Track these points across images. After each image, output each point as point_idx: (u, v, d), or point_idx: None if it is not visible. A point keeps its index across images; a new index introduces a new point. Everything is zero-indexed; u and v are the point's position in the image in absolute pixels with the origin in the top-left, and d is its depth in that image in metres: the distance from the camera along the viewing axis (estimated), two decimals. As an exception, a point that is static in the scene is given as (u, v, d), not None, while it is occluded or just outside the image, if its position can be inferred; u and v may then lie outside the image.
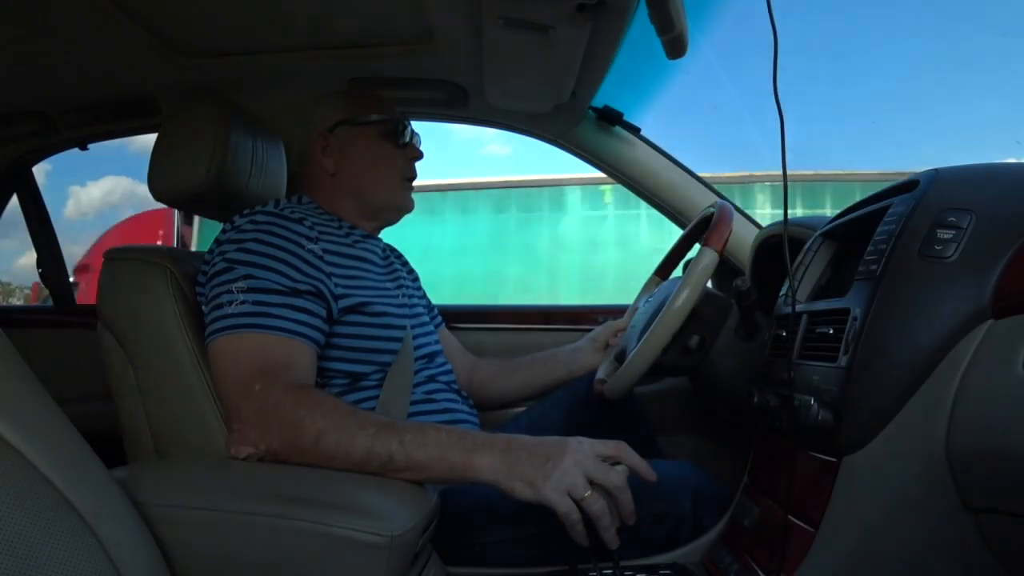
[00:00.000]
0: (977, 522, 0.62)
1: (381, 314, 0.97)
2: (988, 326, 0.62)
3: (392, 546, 0.59)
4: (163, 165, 0.99)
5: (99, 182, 10.24)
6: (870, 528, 0.66)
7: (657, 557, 0.88)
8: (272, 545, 0.61)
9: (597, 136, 1.48)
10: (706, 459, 1.38)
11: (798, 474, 0.75)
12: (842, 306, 0.73)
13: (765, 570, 0.74)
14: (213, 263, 0.89)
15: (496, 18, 0.96)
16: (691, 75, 1.43)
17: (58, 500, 0.48)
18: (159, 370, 0.88)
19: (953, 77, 11.92)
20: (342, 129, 1.07)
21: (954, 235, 0.65)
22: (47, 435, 0.50)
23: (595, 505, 0.73)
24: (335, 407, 0.76)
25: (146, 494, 0.61)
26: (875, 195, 0.82)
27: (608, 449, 0.76)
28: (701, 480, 0.95)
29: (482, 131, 5.27)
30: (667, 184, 1.49)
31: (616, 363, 1.13)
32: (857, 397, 0.67)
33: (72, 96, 1.40)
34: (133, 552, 0.53)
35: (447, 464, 0.74)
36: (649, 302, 1.14)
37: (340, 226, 1.04)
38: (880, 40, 3.93)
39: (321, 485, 0.70)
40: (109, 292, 0.92)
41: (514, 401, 1.30)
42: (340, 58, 1.23)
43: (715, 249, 0.95)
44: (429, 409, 1.01)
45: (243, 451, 0.76)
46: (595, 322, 1.58)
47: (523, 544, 0.88)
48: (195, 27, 1.12)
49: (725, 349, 1.03)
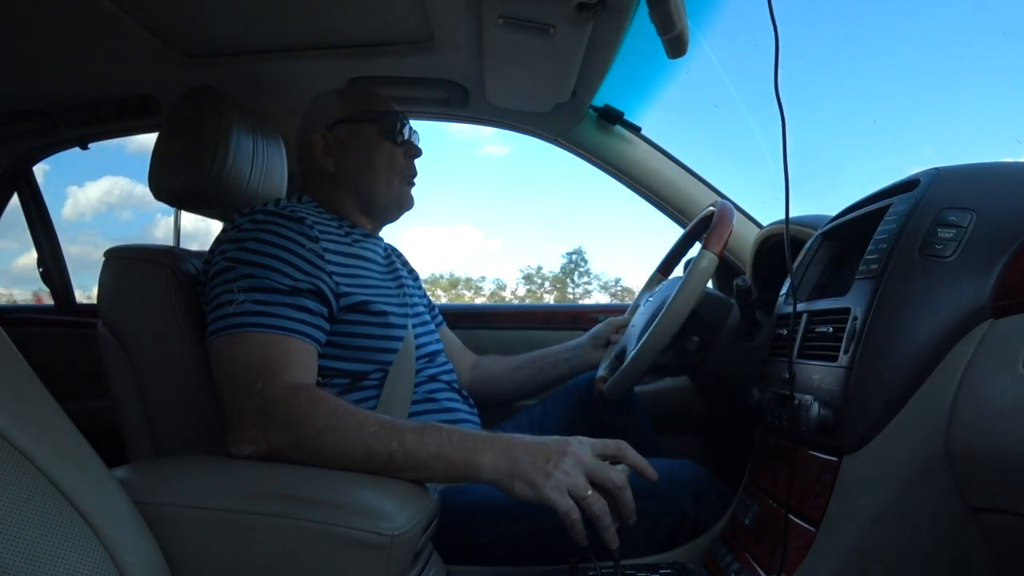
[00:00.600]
0: (977, 522, 0.62)
1: (382, 313, 0.97)
2: (988, 326, 0.62)
3: (393, 545, 0.59)
4: (163, 165, 0.99)
5: (97, 182, 10.28)
6: (870, 527, 0.66)
7: (657, 556, 0.88)
8: (272, 544, 0.61)
9: (597, 135, 1.48)
10: (706, 458, 1.38)
11: (798, 473, 0.75)
12: (842, 305, 0.73)
13: (765, 569, 0.74)
14: (214, 262, 0.89)
15: (496, 18, 0.97)
16: (692, 74, 1.43)
17: (59, 499, 0.48)
18: (159, 370, 0.88)
19: (953, 77, 11.93)
20: (340, 127, 1.07)
21: (954, 234, 0.65)
22: (47, 434, 0.50)
23: (595, 505, 0.73)
24: (335, 406, 0.76)
25: (146, 494, 0.61)
26: (875, 194, 0.82)
27: (608, 448, 0.76)
28: (701, 478, 0.95)
29: (479, 131, 5.26)
30: (667, 183, 1.49)
31: (616, 362, 1.13)
32: (857, 397, 0.67)
33: (72, 96, 1.41)
34: (133, 551, 0.53)
35: (447, 464, 0.74)
36: (650, 301, 1.14)
37: (340, 225, 1.04)
38: (880, 40, 3.93)
39: (322, 484, 0.70)
40: (109, 292, 0.92)
41: (515, 399, 1.30)
42: (340, 58, 1.23)
43: (715, 249, 0.95)
44: (430, 408, 1.01)
45: (244, 450, 0.76)
46: (595, 322, 1.59)
47: (523, 543, 0.88)
48: (195, 27, 1.12)
49: (725, 349, 1.03)
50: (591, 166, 1.53)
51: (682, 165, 1.50)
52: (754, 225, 1.47)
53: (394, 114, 1.09)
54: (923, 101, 10.22)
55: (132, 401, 0.90)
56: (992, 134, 9.36)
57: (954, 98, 11.33)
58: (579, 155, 1.52)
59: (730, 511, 0.90)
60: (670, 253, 1.30)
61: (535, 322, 1.63)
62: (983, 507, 0.60)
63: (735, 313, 1.04)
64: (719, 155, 1.63)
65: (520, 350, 1.41)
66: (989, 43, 9.62)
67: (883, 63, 8.55)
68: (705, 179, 1.51)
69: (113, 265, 0.93)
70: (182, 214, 2.48)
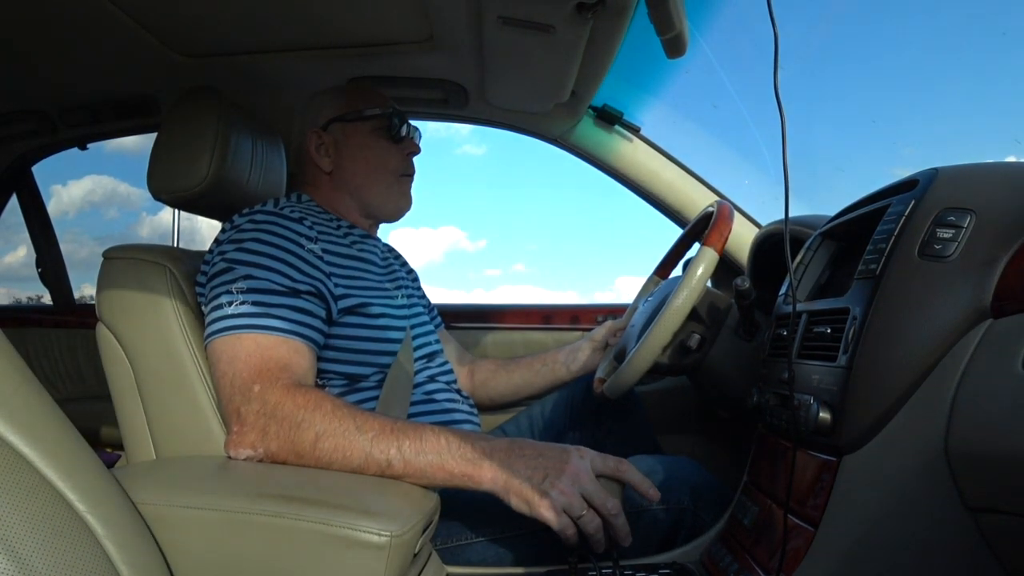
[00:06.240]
0: (977, 522, 0.62)
1: (380, 315, 0.97)
2: (988, 326, 0.62)
3: (392, 545, 0.59)
4: (163, 164, 0.99)
5: (80, 181, 10.28)
6: (870, 527, 0.66)
7: (657, 556, 0.88)
8: (272, 544, 0.61)
9: (597, 135, 1.48)
10: (706, 458, 1.38)
11: (798, 473, 0.75)
12: (842, 306, 0.73)
13: (764, 569, 0.74)
14: (213, 263, 0.89)
15: (496, 18, 0.96)
16: (691, 75, 1.43)
17: (58, 499, 0.48)
18: (158, 370, 0.88)
19: (953, 77, 11.92)
20: (335, 126, 1.07)
21: (954, 234, 0.65)
22: (47, 434, 0.50)
23: (590, 525, 0.73)
24: (334, 409, 0.76)
25: (146, 494, 0.61)
26: (874, 194, 0.82)
27: (608, 467, 0.76)
28: (700, 476, 0.95)
29: (456, 131, 5.13)
30: (667, 183, 1.49)
31: (616, 362, 1.13)
32: (857, 397, 0.67)
33: (72, 96, 1.41)
34: (133, 551, 0.53)
35: (446, 473, 0.74)
36: (648, 302, 1.14)
37: (339, 226, 1.03)
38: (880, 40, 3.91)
39: (321, 484, 0.70)
40: (109, 292, 0.92)
41: (514, 401, 1.30)
42: (340, 58, 1.23)
43: (715, 249, 0.95)
44: (430, 409, 1.01)
45: (242, 453, 0.76)
46: (595, 322, 1.59)
47: (523, 542, 0.88)
48: (195, 27, 1.12)
49: (725, 349, 1.03)
50: (578, 167, 1.53)
51: (681, 165, 1.50)
52: (753, 225, 1.47)
53: (388, 112, 1.08)
54: (923, 101, 10.18)
55: (132, 401, 0.90)
56: (992, 134, 9.34)
57: (954, 98, 11.29)
58: (578, 155, 1.52)
59: (729, 511, 0.90)
60: (668, 254, 1.30)
61: (535, 321, 1.63)
62: (982, 507, 0.60)
63: (734, 313, 1.04)
64: (718, 155, 1.62)
65: (519, 350, 1.41)
66: (989, 42, 9.58)
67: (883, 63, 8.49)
68: (704, 179, 1.51)
69: (112, 265, 0.93)
70: (180, 214, 2.47)
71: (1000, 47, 13.89)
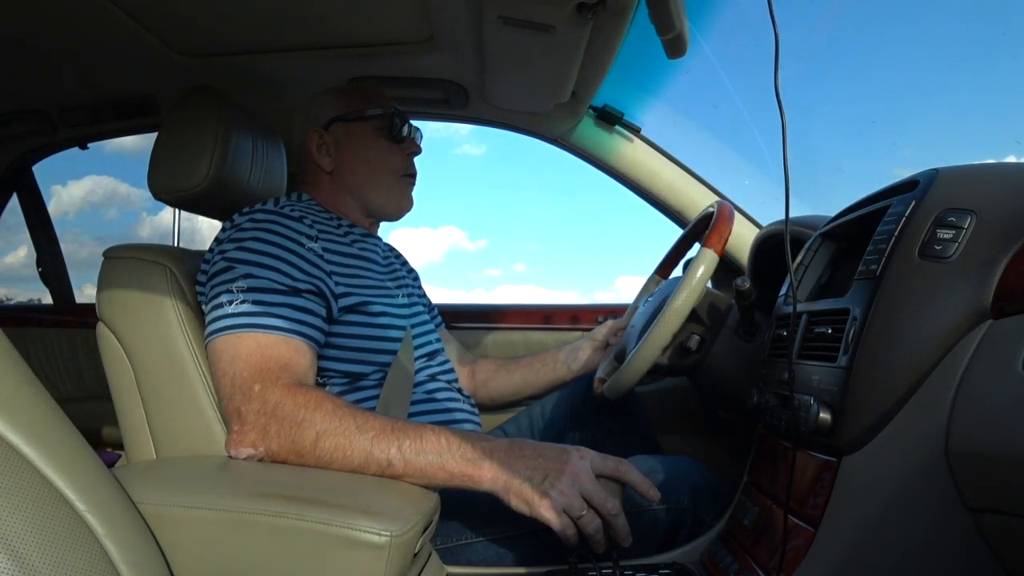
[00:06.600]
0: (977, 522, 0.62)
1: (381, 314, 0.97)
2: (988, 326, 0.62)
3: (392, 545, 0.59)
4: (163, 164, 0.99)
5: (80, 181, 10.29)
6: (870, 528, 0.66)
7: (656, 557, 0.88)
8: (272, 544, 0.61)
9: (597, 136, 1.48)
10: (706, 458, 1.38)
11: (798, 474, 0.75)
12: (842, 306, 0.73)
13: (764, 569, 0.74)
14: (213, 262, 0.89)
15: (496, 18, 0.96)
16: (691, 75, 1.43)
17: (58, 499, 0.48)
18: (159, 369, 0.88)
19: (953, 77, 11.92)
20: (337, 126, 1.07)
21: (954, 235, 0.65)
22: (47, 434, 0.50)
23: (590, 525, 0.73)
24: (335, 408, 0.76)
25: (146, 494, 0.61)
26: (875, 195, 0.82)
27: (608, 467, 0.76)
28: (700, 476, 0.95)
29: (456, 131, 5.13)
30: (667, 184, 1.49)
31: (616, 363, 1.13)
32: (857, 397, 0.67)
33: (72, 96, 1.41)
34: (133, 551, 0.53)
35: (446, 473, 0.74)
36: (649, 302, 1.14)
37: (339, 225, 1.03)
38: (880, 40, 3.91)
39: (321, 484, 0.70)
40: (109, 291, 0.92)
41: (515, 400, 1.30)
42: (340, 58, 1.23)
43: (715, 249, 0.95)
44: (431, 408, 1.01)
45: (242, 453, 0.76)
46: (595, 322, 1.59)
47: (523, 542, 0.88)
48: (195, 27, 1.12)
49: (725, 349, 1.03)
50: (578, 167, 1.53)
51: (682, 166, 1.50)
52: (753, 225, 1.47)
53: (390, 112, 1.08)
54: (923, 101, 10.20)
55: (132, 401, 0.90)
56: (992, 134, 9.35)
57: (954, 98, 11.30)
58: (579, 155, 1.52)
59: (729, 511, 0.90)
60: (668, 254, 1.30)
61: (535, 321, 1.63)
62: (982, 507, 0.60)
63: (734, 313, 1.04)
64: (719, 156, 1.62)
65: (520, 349, 1.41)
66: (989, 42, 9.59)
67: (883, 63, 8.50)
68: (705, 180, 1.51)
69: (113, 265, 0.93)
70: (181, 214, 2.47)
71: (1001, 47, 13.91)
